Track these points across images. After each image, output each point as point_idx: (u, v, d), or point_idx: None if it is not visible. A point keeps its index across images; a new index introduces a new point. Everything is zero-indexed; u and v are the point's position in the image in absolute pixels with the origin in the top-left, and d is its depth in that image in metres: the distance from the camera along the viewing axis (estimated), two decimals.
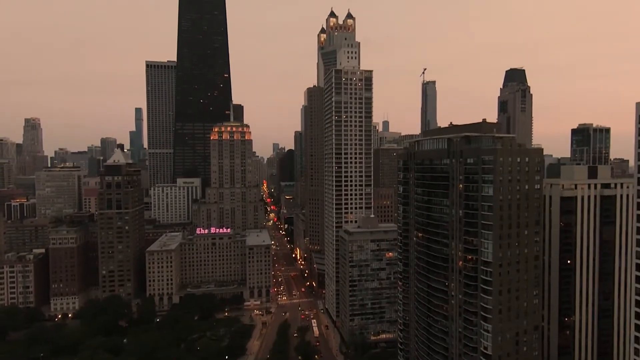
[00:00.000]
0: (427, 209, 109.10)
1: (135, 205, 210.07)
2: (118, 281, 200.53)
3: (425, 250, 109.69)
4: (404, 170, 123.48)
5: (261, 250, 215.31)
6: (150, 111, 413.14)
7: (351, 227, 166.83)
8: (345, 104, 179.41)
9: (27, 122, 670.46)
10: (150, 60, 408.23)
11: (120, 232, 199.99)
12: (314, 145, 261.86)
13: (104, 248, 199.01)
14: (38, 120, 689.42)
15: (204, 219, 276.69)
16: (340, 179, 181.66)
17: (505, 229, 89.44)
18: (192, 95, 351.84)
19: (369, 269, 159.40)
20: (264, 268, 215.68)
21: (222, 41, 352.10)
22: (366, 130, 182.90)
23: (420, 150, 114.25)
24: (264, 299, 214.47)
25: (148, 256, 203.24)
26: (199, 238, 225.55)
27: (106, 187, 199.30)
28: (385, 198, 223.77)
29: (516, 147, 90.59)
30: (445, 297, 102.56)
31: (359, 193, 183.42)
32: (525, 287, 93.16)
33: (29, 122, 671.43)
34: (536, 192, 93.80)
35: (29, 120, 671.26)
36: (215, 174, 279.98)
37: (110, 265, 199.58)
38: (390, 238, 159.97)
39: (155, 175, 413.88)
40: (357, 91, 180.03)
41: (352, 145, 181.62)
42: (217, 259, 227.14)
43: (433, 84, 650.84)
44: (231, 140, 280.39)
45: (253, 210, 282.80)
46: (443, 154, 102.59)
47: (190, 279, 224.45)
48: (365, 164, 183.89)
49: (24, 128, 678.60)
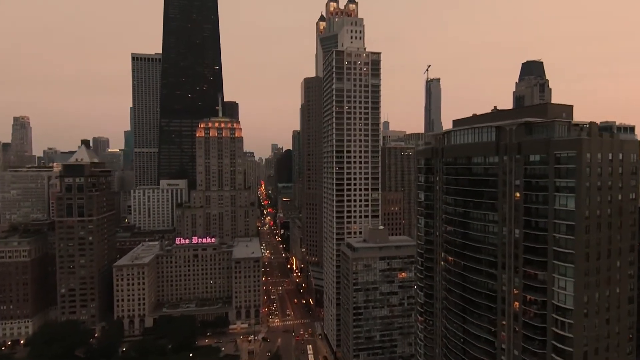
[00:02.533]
0: (462, 225, 79.92)
1: (102, 212, 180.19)
2: (80, 301, 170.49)
3: (459, 280, 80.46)
4: (427, 171, 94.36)
5: (249, 264, 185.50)
6: (137, 107, 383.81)
7: (355, 241, 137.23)
8: (348, 93, 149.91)
9: (16, 121, 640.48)
10: (136, 53, 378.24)
11: (83, 243, 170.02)
12: (311, 143, 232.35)
13: (63, 262, 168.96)
14: (27, 119, 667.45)
15: (189, 226, 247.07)
16: (341, 182, 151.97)
17: (593, 261, 60.09)
18: (179, 89, 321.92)
19: (377, 293, 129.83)
20: (252, 285, 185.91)
21: (212, 30, 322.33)
22: (373, 124, 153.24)
23: (451, 145, 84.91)
24: (253, 321, 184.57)
25: (116, 272, 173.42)
26: (179, 249, 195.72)
27: (65, 191, 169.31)
28: (393, 204, 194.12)
29: (608, 138, 61.16)
30: (491, 349, 73.08)
31: (364, 199, 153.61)
32: (616, 343, 63.85)
33: (18, 121, 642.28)
34: (631, 205, 64.64)
35: (17, 119, 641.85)
36: (202, 175, 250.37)
37: (70, 283, 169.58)
38: (404, 255, 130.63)
39: (142, 177, 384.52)
40: (362, 77, 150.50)
41: (356, 142, 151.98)
42: (199, 274, 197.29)
43: (437, 82, 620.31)
44: (219, 137, 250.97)
45: (244, 215, 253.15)
46: (489, 149, 73.35)
47: (168, 296, 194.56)
48: (372, 164, 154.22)
49: (12, 127, 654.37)
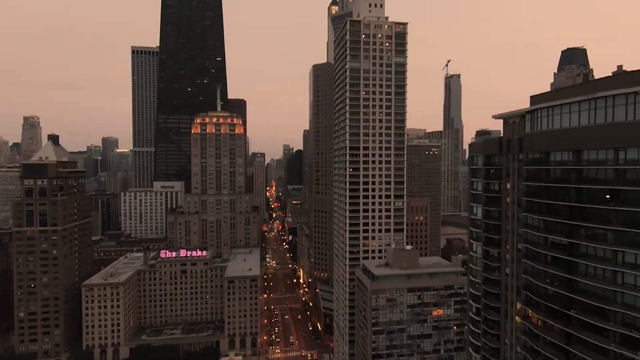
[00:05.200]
0: (564, 265, 47.32)
1: (71, 220, 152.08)
2: (42, 327, 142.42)
3: (557, 352, 47.86)
4: (488, 175, 62.37)
5: (245, 283, 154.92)
6: (136, 104, 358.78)
7: (375, 265, 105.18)
8: (366, 74, 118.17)
9: (26, 121, 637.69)
10: (135, 46, 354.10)
11: (46, 258, 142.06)
12: (321, 140, 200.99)
13: (22, 281, 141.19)
14: (37, 119, 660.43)
15: (182, 234, 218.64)
16: (356, 187, 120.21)
17: None
18: (178, 83, 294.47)
19: (404, 337, 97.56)
20: (248, 309, 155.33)
21: (214, 18, 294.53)
22: (397, 113, 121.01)
23: (540, 133, 52.26)
24: (249, 351, 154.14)
25: (85, 292, 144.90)
26: (164, 264, 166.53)
27: (25, 195, 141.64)
28: (417, 212, 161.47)
29: None
30: None
31: (384, 208, 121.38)
32: None
33: (28, 121, 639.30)
34: None
35: (27, 119, 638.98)
36: (197, 177, 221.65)
37: (30, 305, 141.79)
38: (439, 285, 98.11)
39: (142, 178, 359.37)
40: (383, 54, 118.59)
41: (376, 136, 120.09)
42: (187, 293, 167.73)
43: (458, 78, 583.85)
44: (217, 134, 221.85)
45: (244, 222, 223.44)
46: (629, 136, 40.65)
47: (151, 319, 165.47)
48: (395, 164, 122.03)
49: (22, 127, 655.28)
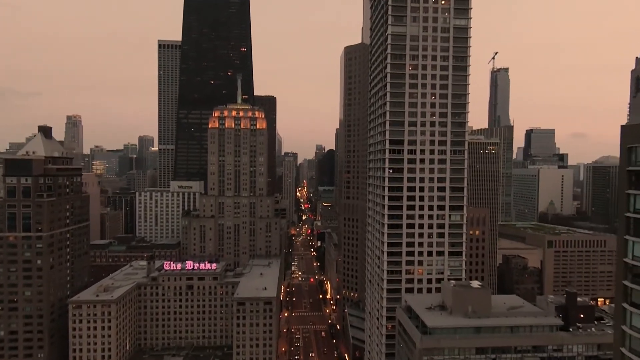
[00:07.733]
0: None
1: (61, 224, 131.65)
2: (24, 348, 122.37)
3: None
4: None
5: (258, 307, 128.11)
6: (162, 99, 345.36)
7: (425, 308, 74.40)
8: (414, 42, 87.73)
9: (69, 119, 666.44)
10: (162, 40, 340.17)
11: (29, 268, 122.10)
12: (353, 135, 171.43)
13: (2, 294, 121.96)
14: (79, 118, 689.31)
15: (196, 240, 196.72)
16: (399, 193, 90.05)
17: None
18: (200, 75, 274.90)
19: None
20: (262, 337, 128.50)
21: (240, 5, 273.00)
22: (455, 95, 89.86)
23: None
24: None
25: (73, 310, 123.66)
26: (167, 277, 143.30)
27: (7, 195, 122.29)
28: (474, 225, 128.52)
29: None
30: None
31: (437, 223, 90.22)
32: None
33: (70, 119, 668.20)
34: None
35: (70, 118, 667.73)
36: (214, 177, 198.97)
37: (12, 323, 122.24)
38: (526, 345, 66.21)
39: (165, 177, 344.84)
40: (438, 14, 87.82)
41: (426, 126, 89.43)
42: (193, 312, 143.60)
43: (505, 72, 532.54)
44: (237, 129, 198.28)
45: (265, 229, 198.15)
46: None
47: (151, 341, 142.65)
48: (452, 164, 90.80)
49: (65, 125, 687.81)
